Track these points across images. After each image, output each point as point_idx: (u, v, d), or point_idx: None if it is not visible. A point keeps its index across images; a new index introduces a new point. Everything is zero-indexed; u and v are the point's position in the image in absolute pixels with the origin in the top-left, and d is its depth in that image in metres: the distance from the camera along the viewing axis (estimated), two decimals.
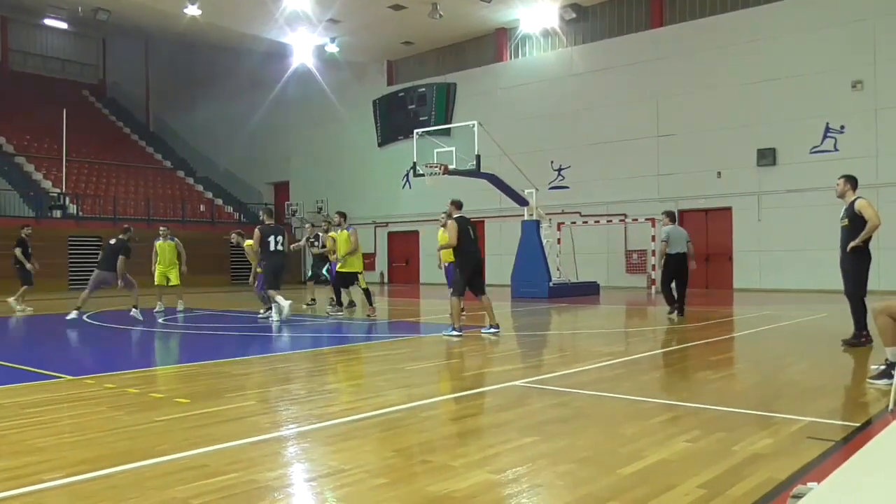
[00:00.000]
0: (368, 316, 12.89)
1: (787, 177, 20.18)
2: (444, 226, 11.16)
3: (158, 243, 15.33)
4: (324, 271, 15.96)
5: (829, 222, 19.26)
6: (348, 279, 13.52)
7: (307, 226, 17.83)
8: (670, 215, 13.09)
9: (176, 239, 15.62)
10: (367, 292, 13.36)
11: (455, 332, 9.67)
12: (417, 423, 4.92)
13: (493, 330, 9.97)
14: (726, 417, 4.84)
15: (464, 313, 11.06)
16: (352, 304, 15.10)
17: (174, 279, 15.32)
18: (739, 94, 20.95)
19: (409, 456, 4.01)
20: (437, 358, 8.33)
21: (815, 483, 1.85)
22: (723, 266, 21.66)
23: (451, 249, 10.54)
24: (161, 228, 15.73)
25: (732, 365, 7.83)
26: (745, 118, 20.83)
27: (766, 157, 20.48)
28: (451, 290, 10.11)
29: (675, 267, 12.55)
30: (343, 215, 13.70)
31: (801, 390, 5.87)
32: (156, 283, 15.19)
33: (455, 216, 10.04)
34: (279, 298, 11.88)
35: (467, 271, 9.94)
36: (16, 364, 7.62)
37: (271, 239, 12.21)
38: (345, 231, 13.28)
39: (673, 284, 12.56)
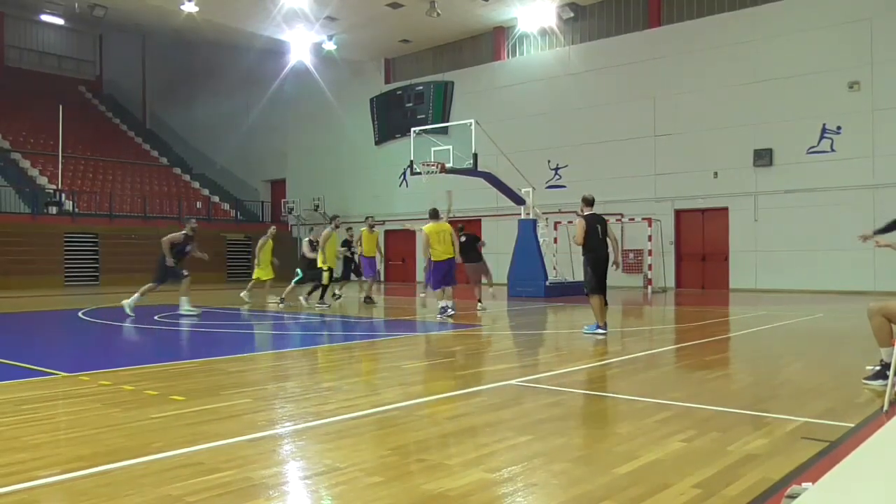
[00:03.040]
0: None
1: (783, 177, 20.21)
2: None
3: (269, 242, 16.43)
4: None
5: (825, 223, 19.41)
6: None
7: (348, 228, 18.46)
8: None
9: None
10: None
11: (600, 331, 9.63)
12: (413, 421, 4.92)
13: (599, 330, 9.77)
14: (721, 417, 4.85)
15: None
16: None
17: (269, 274, 16.41)
18: (736, 94, 20.97)
19: (405, 454, 4.01)
20: (433, 356, 8.33)
21: (810, 483, 1.85)
22: (719, 266, 21.69)
23: (438, 250, 12.05)
24: (272, 227, 16.99)
25: (728, 365, 7.84)
26: (741, 118, 20.86)
27: (763, 157, 20.51)
28: (586, 289, 9.94)
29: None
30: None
31: (796, 391, 5.88)
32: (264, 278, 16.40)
33: (586, 213, 9.98)
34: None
35: (598, 269, 9.89)
36: (11, 360, 7.61)
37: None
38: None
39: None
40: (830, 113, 19.47)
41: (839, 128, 19.41)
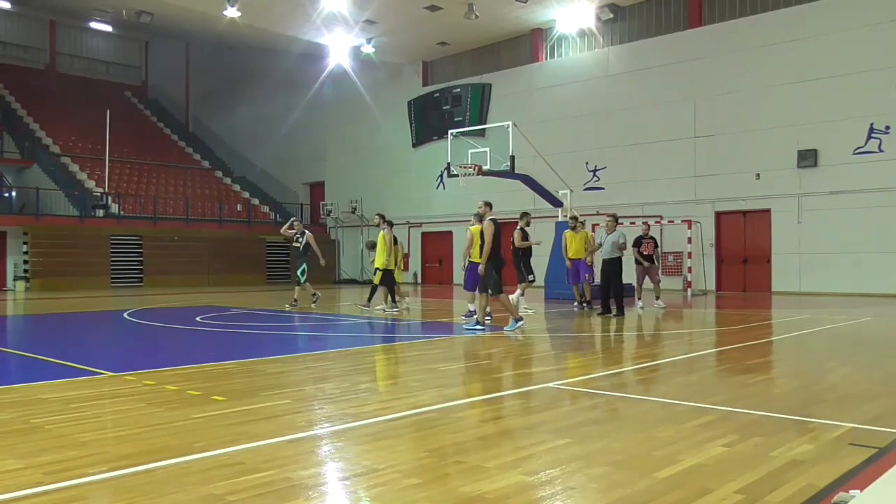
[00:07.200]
0: None
1: (829, 178, 19.78)
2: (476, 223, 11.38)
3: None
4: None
5: (872, 224, 18.92)
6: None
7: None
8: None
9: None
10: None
11: (480, 328, 10.68)
12: (450, 423, 4.93)
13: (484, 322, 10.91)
14: (764, 422, 4.77)
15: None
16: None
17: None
18: (779, 94, 20.58)
19: (442, 456, 4.02)
20: (471, 358, 8.33)
21: (858, 491, 1.81)
22: (761, 269, 21.29)
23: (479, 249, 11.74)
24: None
25: (771, 369, 7.69)
26: (785, 119, 20.46)
27: (808, 158, 20.09)
28: (493, 291, 10.66)
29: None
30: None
31: (843, 395, 5.75)
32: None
33: (490, 218, 10.70)
34: None
35: (499, 271, 10.77)
36: (61, 360, 7.82)
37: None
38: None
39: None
40: (878, 112, 18.99)
41: (888, 127, 18.92)
